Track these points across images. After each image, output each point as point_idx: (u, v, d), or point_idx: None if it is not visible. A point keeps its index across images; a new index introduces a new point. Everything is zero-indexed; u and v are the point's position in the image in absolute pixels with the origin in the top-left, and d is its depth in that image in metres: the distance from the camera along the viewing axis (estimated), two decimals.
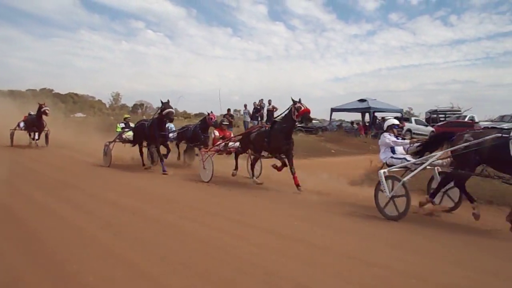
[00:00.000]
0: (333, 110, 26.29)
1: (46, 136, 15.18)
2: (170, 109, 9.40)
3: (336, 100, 74.58)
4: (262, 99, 19.67)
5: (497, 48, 68.53)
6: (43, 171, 9.71)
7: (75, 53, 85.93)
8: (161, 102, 9.56)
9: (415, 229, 5.01)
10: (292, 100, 7.54)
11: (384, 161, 6.37)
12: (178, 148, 11.52)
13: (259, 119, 19.25)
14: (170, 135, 10.99)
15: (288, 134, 7.65)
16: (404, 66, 64.24)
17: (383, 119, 15.83)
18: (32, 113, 15.53)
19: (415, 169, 5.61)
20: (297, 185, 7.40)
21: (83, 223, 4.86)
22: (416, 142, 6.24)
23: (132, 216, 5.27)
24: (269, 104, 19.25)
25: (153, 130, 9.65)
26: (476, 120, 22.89)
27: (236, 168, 8.96)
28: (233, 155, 9.18)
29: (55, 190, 6.99)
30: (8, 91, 33.92)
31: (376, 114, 24.51)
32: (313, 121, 21.74)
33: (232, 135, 9.75)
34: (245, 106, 20.67)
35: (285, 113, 7.79)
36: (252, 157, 8.70)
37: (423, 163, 5.60)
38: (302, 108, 7.32)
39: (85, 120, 27.29)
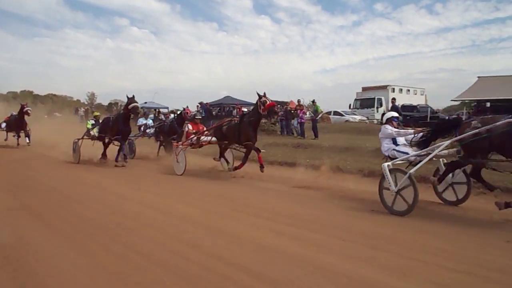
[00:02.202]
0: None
1: (28, 135, 15.36)
2: (135, 104, 9.79)
3: (324, 92, 74.75)
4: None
5: (483, 35, 69.67)
6: None
7: (60, 52, 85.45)
8: (127, 97, 9.96)
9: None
10: (258, 94, 7.93)
11: (387, 154, 6.10)
12: (159, 143, 12.10)
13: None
14: (148, 130, 12.16)
15: (255, 126, 8.12)
16: (391, 56, 65.17)
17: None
18: (14, 113, 15.79)
19: (420, 161, 5.31)
20: (235, 168, 8.26)
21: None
22: (421, 131, 5.92)
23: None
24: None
25: (118, 125, 9.99)
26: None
27: (228, 162, 9.16)
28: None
29: None
30: None
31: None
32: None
33: (204, 129, 10.05)
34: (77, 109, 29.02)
35: (253, 107, 8.30)
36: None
37: (429, 153, 5.31)
38: (268, 102, 7.75)
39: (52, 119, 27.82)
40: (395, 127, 6.19)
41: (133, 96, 9.87)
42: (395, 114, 6.53)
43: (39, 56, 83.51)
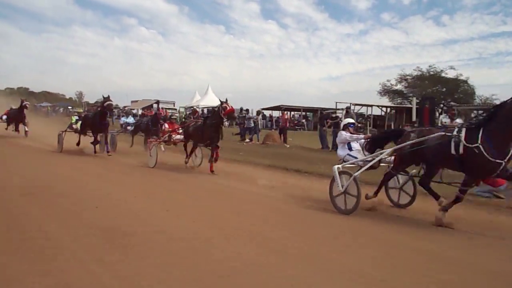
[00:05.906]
0: None
1: (26, 126, 16.88)
2: (110, 102, 11.28)
3: (331, 99, 74.39)
4: None
5: (489, 48, 68.58)
6: None
7: (68, 49, 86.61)
8: (103, 96, 11.41)
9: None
10: (220, 100, 9.01)
11: (342, 158, 6.50)
12: (133, 138, 13.58)
13: None
14: (128, 127, 13.97)
15: (217, 128, 8.94)
16: (397, 65, 64.08)
17: None
18: (13, 107, 17.64)
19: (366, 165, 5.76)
20: (212, 171, 8.87)
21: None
22: (370, 137, 6.39)
23: None
24: None
25: (96, 120, 11.41)
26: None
27: (187, 156, 9.78)
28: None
29: None
30: None
31: None
32: None
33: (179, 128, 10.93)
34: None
35: (215, 110, 9.31)
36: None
37: (374, 159, 5.76)
38: (228, 107, 8.70)
39: None
40: (350, 133, 6.65)
41: (108, 96, 11.30)
42: (351, 120, 6.99)
43: (47, 52, 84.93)
